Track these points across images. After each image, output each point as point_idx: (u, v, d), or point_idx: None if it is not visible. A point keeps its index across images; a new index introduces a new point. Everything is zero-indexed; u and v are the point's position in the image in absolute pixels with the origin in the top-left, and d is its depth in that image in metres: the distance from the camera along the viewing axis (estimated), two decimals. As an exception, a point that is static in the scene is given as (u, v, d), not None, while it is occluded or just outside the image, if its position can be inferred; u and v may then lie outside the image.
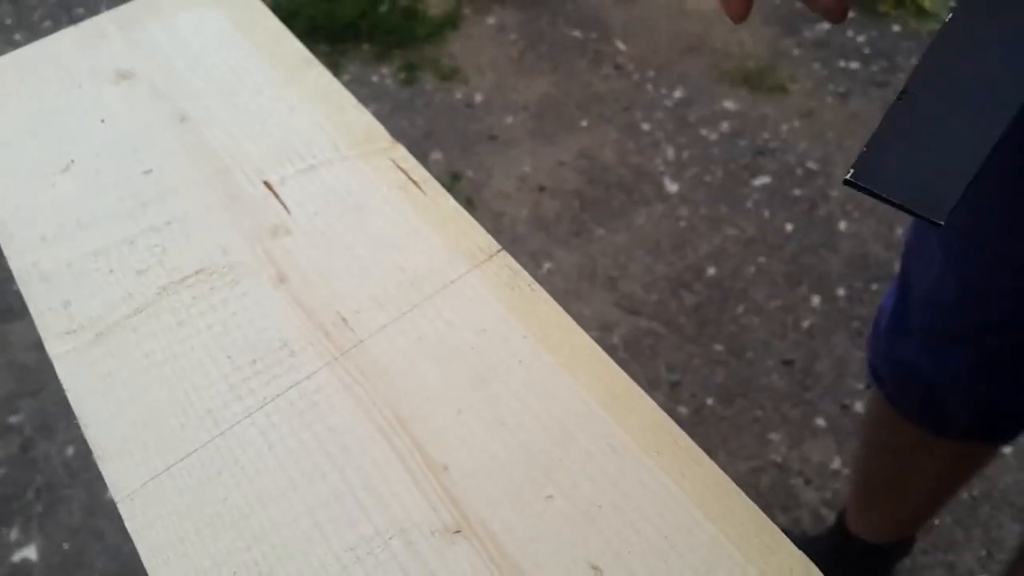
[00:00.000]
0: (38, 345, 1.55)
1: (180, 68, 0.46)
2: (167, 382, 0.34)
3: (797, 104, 1.81)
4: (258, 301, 0.36)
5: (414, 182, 0.40)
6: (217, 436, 0.33)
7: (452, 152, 1.81)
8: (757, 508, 0.31)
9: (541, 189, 1.68)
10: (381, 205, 0.39)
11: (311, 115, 0.43)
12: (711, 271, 1.54)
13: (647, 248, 1.58)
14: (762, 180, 1.64)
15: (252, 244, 0.38)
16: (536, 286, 0.36)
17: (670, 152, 1.73)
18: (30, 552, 1.31)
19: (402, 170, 0.41)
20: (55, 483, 1.39)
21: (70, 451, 1.42)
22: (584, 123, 1.84)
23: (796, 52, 1.93)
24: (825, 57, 1.91)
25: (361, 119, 0.43)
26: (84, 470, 1.42)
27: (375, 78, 1.99)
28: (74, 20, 2.16)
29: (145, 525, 0.31)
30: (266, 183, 0.41)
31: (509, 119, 1.87)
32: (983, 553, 1.31)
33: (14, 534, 1.33)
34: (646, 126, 1.80)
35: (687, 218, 1.59)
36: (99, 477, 1.40)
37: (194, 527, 0.31)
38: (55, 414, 1.47)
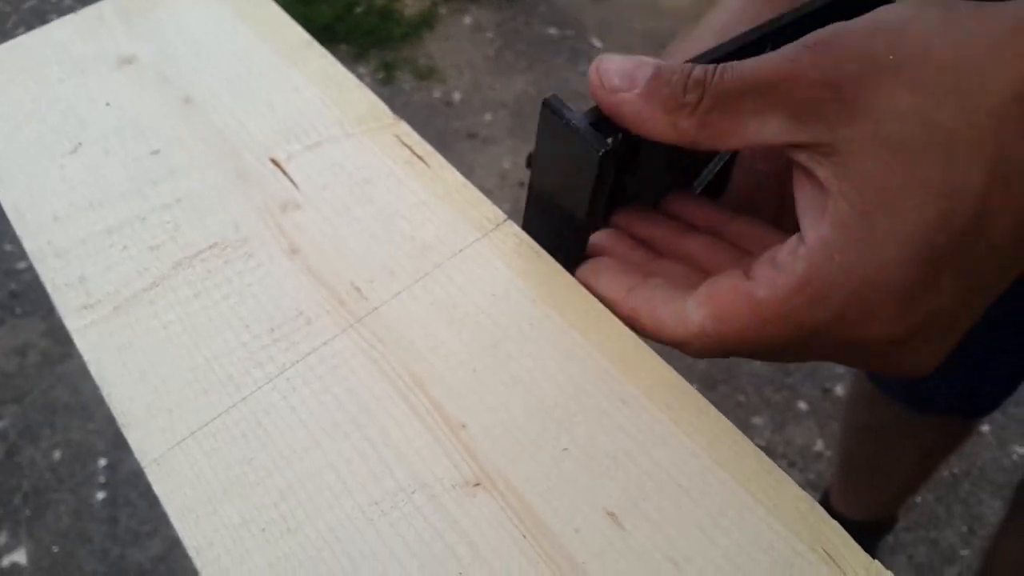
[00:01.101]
0: (19, 351, 1.54)
1: (182, 53, 0.47)
2: (187, 351, 0.35)
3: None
4: (272, 273, 0.37)
5: (419, 156, 0.41)
6: (240, 401, 0.34)
7: (432, 150, 1.82)
8: (762, 454, 0.32)
9: (522, 185, 1.69)
10: (387, 179, 0.40)
11: (314, 95, 0.44)
12: (692, 262, 1.56)
13: (628, 240, 1.59)
14: (739, 171, 1.66)
15: (263, 219, 0.39)
16: (543, 252, 0.37)
17: (648, 146, 1.75)
18: (19, 556, 1.31)
19: (406, 145, 0.42)
20: (42, 487, 1.38)
21: (56, 455, 1.42)
22: (562, 119, 1.86)
23: (769, 45, 1.96)
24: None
25: (364, 97, 0.44)
26: (70, 475, 1.42)
27: (353, 78, 1.99)
28: (48, 25, 2.15)
29: (173, 488, 0.32)
30: (273, 160, 0.41)
31: (488, 117, 1.89)
32: (964, 529, 1.34)
33: (3, 539, 1.32)
34: (624, 120, 1.81)
35: (667, 210, 1.61)
36: (86, 481, 1.40)
37: (221, 487, 0.31)
38: (39, 420, 1.47)
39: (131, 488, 1.40)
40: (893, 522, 1.27)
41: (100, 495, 1.40)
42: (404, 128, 0.42)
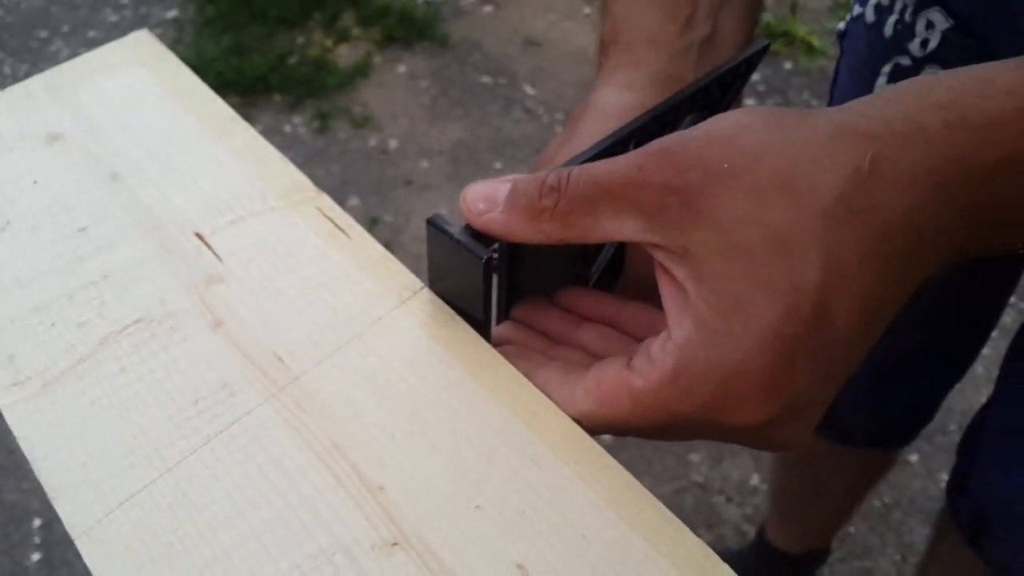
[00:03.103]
0: (-49, 411, 1.51)
1: (109, 129, 0.48)
2: (114, 425, 0.36)
3: (699, 139, 1.89)
4: (197, 346, 0.39)
5: (340, 228, 0.43)
6: (165, 472, 0.35)
7: (369, 198, 1.84)
8: (662, 505, 0.34)
9: (459, 231, 1.71)
10: (310, 251, 0.42)
11: (238, 169, 0.46)
12: (627, 302, 1.59)
13: (564, 283, 1.62)
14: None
15: (188, 293, 0.41)
16: (457, 318, 0.40)
17: (582, 190, 1.79)
18: (-49, 624, 1.28)
19: (328, 218, 0.44)
20: (-25, 551, 1.35)
21: (-11, 518, 1.39)
22: (498, 165, 1.90)
23: (696, 90, 2.02)
24: (723, 94, 2.00)
25: (286, 171, 0.46)
26: (4, 537, 1.39)
27: (288, 128, 2.01)
28: (-22, 80, 2.13)
29: (103, 559, 0.33)
30: (198, 235, 0.43)
31: (424, 164, 1.91)
32: (897, 557, 1.38)
33: (-67, 606, 1.29)
34: (557, 166, 1.85)
35: (601, 252, 1.65)
36: (20, 543, 1.38)
37: (149, 557, 0.33)
38: (-30, 481, 1.44)
39: (67, 548, 1.37)
40: (827, 553, 1.30)
41: (35, 556, 1.37)
42: (326, 201, 0.44)
